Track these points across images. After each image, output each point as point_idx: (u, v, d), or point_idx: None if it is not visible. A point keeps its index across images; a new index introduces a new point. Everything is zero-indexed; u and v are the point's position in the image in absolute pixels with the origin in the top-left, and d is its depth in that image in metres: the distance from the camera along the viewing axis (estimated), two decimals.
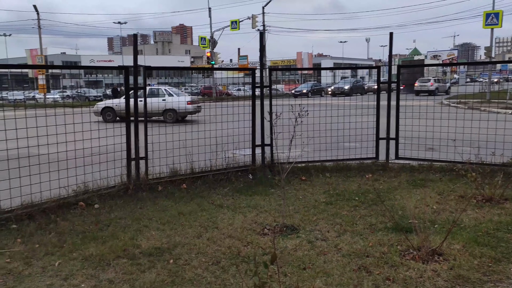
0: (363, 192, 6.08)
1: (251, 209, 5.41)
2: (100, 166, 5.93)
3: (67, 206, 5.43)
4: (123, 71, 5.92)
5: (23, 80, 19.03)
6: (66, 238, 4.52)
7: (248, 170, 7.06)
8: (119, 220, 5.04)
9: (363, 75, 64.78)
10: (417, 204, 5.45)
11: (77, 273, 3.73)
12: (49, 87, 44.31)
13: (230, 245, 4.24)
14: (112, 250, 4.14)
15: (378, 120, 7.82)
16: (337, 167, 7.48)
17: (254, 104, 7.17)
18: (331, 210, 5.32)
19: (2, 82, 30.76)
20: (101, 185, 5.94)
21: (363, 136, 7.74)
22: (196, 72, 30.17)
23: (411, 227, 4.38)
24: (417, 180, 6.71)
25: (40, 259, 4.02)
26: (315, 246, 4.19)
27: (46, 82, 39.94)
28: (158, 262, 3.88)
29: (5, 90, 23.25)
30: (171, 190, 6.22)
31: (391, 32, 7.59)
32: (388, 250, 4.04)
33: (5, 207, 5.06)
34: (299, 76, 34.95)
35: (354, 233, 4.52)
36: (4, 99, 23.78)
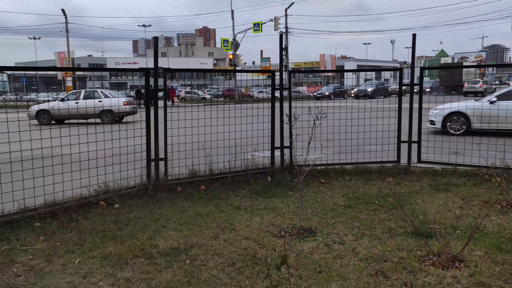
0: (383, 195, 6.00)
1: (268, 211, 5.40)
2: (121, 166, 6.02)
3: (88, 205, 5.53)
4: (144, 73, 6.00)
5: (52, 82, 19.55)
6: (86, 236, 4.60)
7: (267, 172, 7.06)
8: (138, 220, 5.10)
9: (387, 77, 64.05)
10: (439, 209, 5.35)
11: (96, 271, 3.79)
12: (76, 88, 45.27)
13: (246, 246, 4.24)
14: (130, 250, 4.20)
15: (400, 122, 7.70)
16: (357, 170, 7.40)
17: (273, 106, 7.17)
18: (349, 213, 5.26)
19: (31, 84, 31.55)
20: (122, 185, 6.03)
21: (385, 139, 7.64)
22: (218, 74, 30.34)
23: (432, 232, 4.29)
24: (440, 184, 6.58)
25: (61, 257, 4.10)
26: (332, 249, 4.15)
27: (72, 84, 40.82)
28: (174, 262, 3.91)
29: (34, 92, 23.83)
30: (190, 191, 6.26)
31: (414, 34, 7.49)
32: (407, 255, 3.97)
33: (29, 206, 5.19)
34: (322, 78, 34.81)
35: (372, 237, 4.46)
36: (34, 100, 24.39)
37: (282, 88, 7.25)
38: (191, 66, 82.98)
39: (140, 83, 43.08)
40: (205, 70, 29.28)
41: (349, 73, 24.13)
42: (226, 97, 36.18)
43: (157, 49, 6.08)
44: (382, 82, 41.79)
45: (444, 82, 32.55)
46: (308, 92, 36.07)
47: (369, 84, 38.27)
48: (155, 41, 6.03)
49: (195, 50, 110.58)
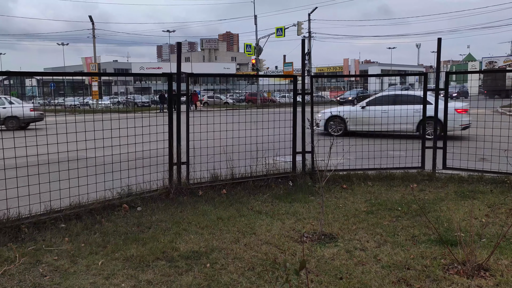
0: (406, 202, 5.91)
1: (289, 216, 5.38)
2: (144, 170, 6.10)
3: (111, 208, 5.62)
4: (167, 78, 6.07)
5: (79, 87, 20.04)
6: (109, 238, 4.67)
7: (289, 177, 7.04)
8: (160, 223, 5.16)
9: (412, 82, 63.07)
10: (464, 217, 5.24)
11: (118, 272, 3.85)
12: (101, 93, 46.17)
13: (266, 251, 4.24)
14: (152, 252, 4.24)
15: (424, 128, 7.59)
16: (380, 176, 7.31)
17: (295, 111, 7.16)
18: (371, 219, 5.20)
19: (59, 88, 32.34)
20: (144, 189, 6.11)
21: (409, 145, 7.54)
22: (241, 79, 30.48)
23: (456, 240, 4.21)
24: (466, 191, 6.45)
25: (85, 258, 4.18)
26: (353, 255, 4.11)
27: (98, 89, 41.66)
28: (195, 266, 3.94)
29: (61, 96, 24.38)
30: (211, 195, 6.30)
31: (439, 38, 7.38)
32: (430, 263, 3.90)
33: (55, 207, 5.31)
34: (345, 83, 34.58)
35: (395, 244, 4.40)
36: (61, 105, 24.97)
37: (304, 93, 7.23)
38: (214, 70, 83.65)
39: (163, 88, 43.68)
40: (227, 75, 29.33)
41: (372, 78, 23.94)
42: (248, 102, 36.29)
43: (180, 55, 6.15)
44: (407, 86, 41.22)
45: (488, 87, 32.06)
46: (331, 96, 35.84)
47: (394, 89, 37.81)
48: (179, 47, 6.11)
49: (218, 55, 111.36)
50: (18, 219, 4.96)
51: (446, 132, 7.46)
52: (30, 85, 40.03)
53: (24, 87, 28.14)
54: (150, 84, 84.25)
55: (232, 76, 18.65)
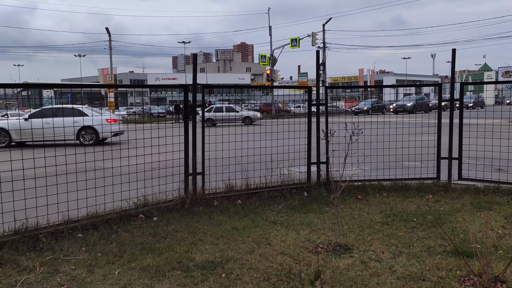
0: (422, 213, 5.87)
1: (304, 227, 5.39)
2: (160, 180, 6.17)
3: (128, 218, 5.69)
4: (183, 89, 6.16)
5: (95, 98, 20.36)
6: (126, 248, 4.73)
7: (303, 188, 7.05)
8: (176, 233, 5.21)
9: (427, 92, 62.62)
10: (481, 228, 5.18)
11: (134, 282, 3.89)
12: (117, 104, 46.76)
13: (281, 262, 4.25)
14: (168, 262, 4.28)
15: (440, 138, 7.55)
16: (395, 187, 7.27)
17: (310, 121, 7.18)
18: (387, 230, 5.18)
19: (76, 99, 32.88)
20: (160, 199, 6.18)
21: (424, 155, 7.49)
22: (255, 89, 30.62)
23: (472, 252, 4.17)
24: (482, 202, 6.37)
25: (101, 267, 4.24)
26: (368, 266, 4.10)
27: (114, 99, 42.23)
28: (210, 276, 3.97)
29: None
30: (226, 205, 6.34)
31: (453, 49, 7.36)
32: (446, 274, 3.87)
33: (73, 217, 5.39)
34: (360, 93, 34.46)
35: (410, 255, 4.38)
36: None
37: (318, 104, 7.26)
38: (229, 81, 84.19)
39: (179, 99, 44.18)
40: (242, 86, 29.59)
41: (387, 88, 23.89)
42: (263, 112, 36.39)
43: (196, 66, 6.24)
44: (422, 97, 40.92)
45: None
46: (346, 107, 35.78)
47: (409, 99, 37.53)
48: (194, 58, 6.21)
49: (233, 65, 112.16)
50: (36, 229, 5.05)
51: (461, 142, 7.39)
52: (48, 96, 40.88)
53: (41, 98, 28.70)
54: (166, 95, 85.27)
55: (247, 87, 18.74)
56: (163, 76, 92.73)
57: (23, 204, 5.02)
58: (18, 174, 5.13)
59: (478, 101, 41.83)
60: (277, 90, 26.39)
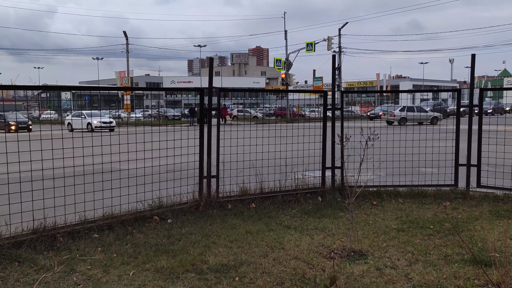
0: (439, 220, 5.78)
1: (318, 232, 5.36)
2: (174, 182, 6.20)
3: (143, 219, 5.73)
4: (199, 93, 6.19)
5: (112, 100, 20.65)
6: (140, 249, 4.76)
7: (318, 192, 7.01)
8: (190, 236, 5.22)
9: (444, 97, 61.94)
10: (499, 237, 5.09)
11: (148, 283, 3.91)
12: (133, 106, 47.19)
13: (295, 266, 4.23)
14: (182, 264, 4.30)
15: (458, 145, 7.44)
16: (411, 193, 7.18)
17: (325, 126, 7.15)
18: (402, 237, 5.11)
19: (93, 101, 33.26)
20: (175, 201, 6.20)
21: (441, 162, 7.39)
22: (270, 93, 30.65)
23: (491, 261, 4.10)
24: (501, 210, 6.26)
25: (116, 268, 4.27)
26: (383, 273, 4.05)
27: (130, 102, 42.61)
28: (224, 279, 3.97)
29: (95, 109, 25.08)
30: (240, 208, 6.34)
31: (473, 54, 7.26)
32: (463, 284, 3.80)
33: (89, 218, 5.45)
34: (376, 98, 34.21)
35: (426, 263, 4.31)
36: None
37: (334, 108, 7.23)
38: (244, 85, 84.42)
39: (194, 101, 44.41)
40: (257, 89, 29.58)
41: (404, 93, 23.56)
42: (278, 116, 36.32)
43: (212, 70, 6.27)
44: (440, 102, 40.49)
45: None
46: (361, 111, 35.53)
47: (426, 104, 37.14)
48: (211, 62, 6.23)
49: (248, 69, 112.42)
50: (54, 229, 5.12)
51: (480, 149, 7.27)
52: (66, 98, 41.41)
53: (60, 100, 29.04)
54: (181, 98, 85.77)
55: (262, 91, 18.77)
56: (179, 79, 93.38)
57: (42, 203, 5.09)
58: (37, 175, 5.20)
59: (498, 107, 41.18)
60: (292, 94, 26.34)
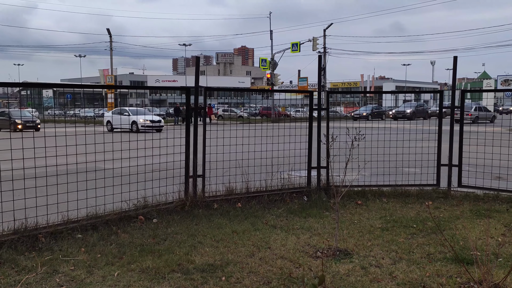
0: (421, 219, 5.87)
1: (304, 231, 5.39)
2: (160, 182, 6.16)
3: (127, 219, 5.68)
4: (185, 92, 6.16)
5: (95, 98, 20.40)
6: (125, 249, 4.72)
7: (303, 192, 7.04)
8: (175, 235, 5.20)
9: (427, 98, 62.77)
10: (480, 235, 5.19)
11: (134, 284, 3.88)
12: (117, 105, 46.76)
13: (282, 266, 4.24)
14: (168, 264, 4.27)
15: (440, 145, 7.56)
16: (395, 193, 7.27)
17: (311, 126, 7.19)
18: (386, 236, 5.18)
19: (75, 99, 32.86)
20: (160, 201, 6.17)
21: (424, 162, 7.49)
22: (257, 93, 30.66)
23: (473, 259, 4.18)
24: (481, 210, 6.38)
25: (101, 268, 4.22)
26: (368, 272, 4.10)
27: (114, 101, 42.21)
28: (210, 279, 3.96)
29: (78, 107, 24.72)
30: (226, 208, 6.33)
31: (455, 56, 7.39)
32: (446, 281, 3.87)
33: (72, 218, 5.38)
34: (359, 98, 34.54)
35: (410, 261, 4.37)
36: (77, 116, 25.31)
37: (320, 108, 7.27)
38: (229, 84, 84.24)
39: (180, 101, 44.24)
40: (244, 89, 29.47)
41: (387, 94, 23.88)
42: (263, 116, 36.37)
43: (198, 69, 6.25)
44: (422, 103, 41.02)
45: None
46: (345, 112, 35.78)
47: (408, 106, 37.60)
48: (197, 61, 6.22)
49: (233, 68, 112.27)
50: (36, 229, 5.04)
51: (461, 149, 7.40)
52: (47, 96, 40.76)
53: (41, 98, 28.58)
54: (166, 97, 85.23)
55: (249, 91, 18.80)
56: (163, 78, 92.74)
57: (23, 203, 5.00)
58: (19, 174, 5.12)
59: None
60: (279, 94, 26.42)
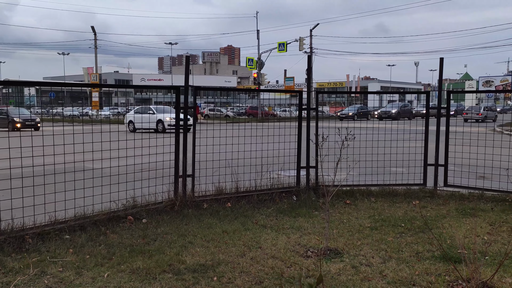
0: (409, 218, 5.94)
1: (294, 231, 5.41)
2: (149, 182, 6.12)
3: (116, 219, 5.63)
4: (175, 91, 6.13)
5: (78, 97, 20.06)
6: (115, 250, 4.68)
7: (293, 192, 7.07)
8: (165, 236, 5.17)
9: (411, 99, 63.46)
10: (467, 234, 5.27)
11: (124, 285, 3.85)
12: (102, 103, 46.24)
13: (273, 265, 4.26)
14: (158, 265, 4.25)
15: (427, 145, 7.65)
16: (383, 192, 7.35)
17: (300, 125, 7.22)
18: (376, 235, 5.23)
19: (58, 98, 32.40)
20: (149, 201, 6.12)
21: (411, 162, 7.58)
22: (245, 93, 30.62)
23: (460, 257, 4.24)
24: (467, 209, 6.48)
25: (90, 270, 4.18)
26: (359, 271, 4.13)
27: (99, 99, 41.72)
28: (202, 279, 3.95)
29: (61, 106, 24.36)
30: (216, 208, 6.32)
31: (441, 58, 7.48)
32: (435, 279, 3.92)
33: (60, 218, 5.30)
34: (345, 98, 34.75)
35: (399, 260, 4.43)
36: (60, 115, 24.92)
37: (309, 108, 7.30)
38: (215, 83, 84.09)
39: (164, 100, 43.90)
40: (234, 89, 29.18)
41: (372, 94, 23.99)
42: (249, 115, 36.33)
43: (188, 68, 6.21)
44: (406, 104, 41.47)
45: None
46: (331, 112, 35.95)
47: (393, 106, 37.97)
48: (187, 61, 6.18)
49: (219, 68, 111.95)
50: (23, 230, 4.96)
51: (447, 149, 7.50)
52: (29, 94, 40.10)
53: (22, 96, 28.09)
54: (151, 96, 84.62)
55: (239, 90, 18.83)
56: (149, 77, 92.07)
57: (9, 204, 4.92)
58: (5, 173, 5.03)
59: (458, 109, 42.49)
60: (268, 94, 26.44)
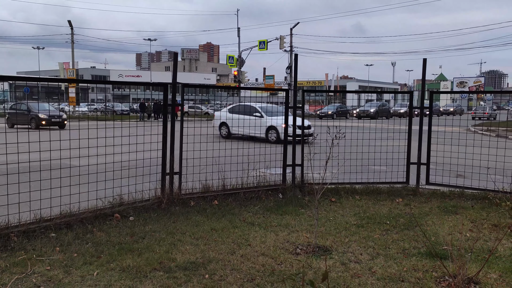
0: (394, 216, 6.06)
1: (282, 228, 5.45)
2: (136, 179, 6.07)
3: (103, 217, 5.57)
4: (163, 88, 6.08)
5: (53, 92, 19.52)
6: (103, 248, 4.63)
7: (278, 189, 7.11)
8: (154, 233, 5.14)
9: (388, 98, 64.29)
10: (450, 231, 5.41)
11: (115, 283, 3.82)
12: (78, 100, 45.42)
13: (264, 263, 4.28)
14: (149, 263, 4.23)
15: (410, 144, 7.80)
16: (367, 190, 7.46)
17: (287, 124, 7.26)
18: (362, 233, 5.31)
19: (32, 93, 31.69)
20: (136, 198, 6.08)
21: (394, 160, 7.72)
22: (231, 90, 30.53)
23: (446, 254, 4.37)
24: (449, 206, 6.64)
25: (78, 268, 4.13)
26: (348, 268, 4.20)
27: (76, 95, 40.99)
28: (194, 277, 3.95)
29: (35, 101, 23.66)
30: (203, 205, 6.31)
31: (424, 59, 7.63)
32: (423, 275, 4.02)
33: (45, 216, 5.22)
34: (324, 97, 35.03)
35: (387, 257, 4.51)
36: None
37: (295, 107, 7.35)
38: (195, 81, 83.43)
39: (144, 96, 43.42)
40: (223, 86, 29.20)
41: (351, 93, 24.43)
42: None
43: (176, 65, 6.17)
44: (384, 103, 42.05)
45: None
46: (310, 110, 36.21)
47: (371, 105, 38.50)
48: (175, 57, 6.14)
49: (198, 65, 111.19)
50: (7, 227, 4.87)
51: (430, 148, 7.67)
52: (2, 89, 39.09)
53: None
54: (129, 92, 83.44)
55: (228, 89, 18.84)
56: (127, 73, 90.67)
57: None
58: None
59: (435, 110, 43.46)
60: (244, 92, 26.45)
